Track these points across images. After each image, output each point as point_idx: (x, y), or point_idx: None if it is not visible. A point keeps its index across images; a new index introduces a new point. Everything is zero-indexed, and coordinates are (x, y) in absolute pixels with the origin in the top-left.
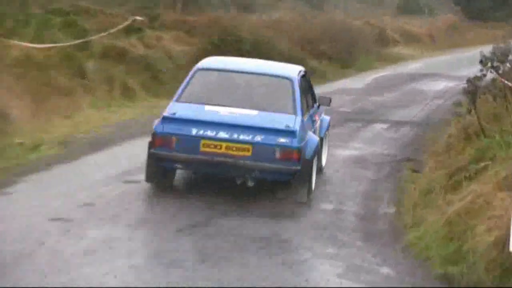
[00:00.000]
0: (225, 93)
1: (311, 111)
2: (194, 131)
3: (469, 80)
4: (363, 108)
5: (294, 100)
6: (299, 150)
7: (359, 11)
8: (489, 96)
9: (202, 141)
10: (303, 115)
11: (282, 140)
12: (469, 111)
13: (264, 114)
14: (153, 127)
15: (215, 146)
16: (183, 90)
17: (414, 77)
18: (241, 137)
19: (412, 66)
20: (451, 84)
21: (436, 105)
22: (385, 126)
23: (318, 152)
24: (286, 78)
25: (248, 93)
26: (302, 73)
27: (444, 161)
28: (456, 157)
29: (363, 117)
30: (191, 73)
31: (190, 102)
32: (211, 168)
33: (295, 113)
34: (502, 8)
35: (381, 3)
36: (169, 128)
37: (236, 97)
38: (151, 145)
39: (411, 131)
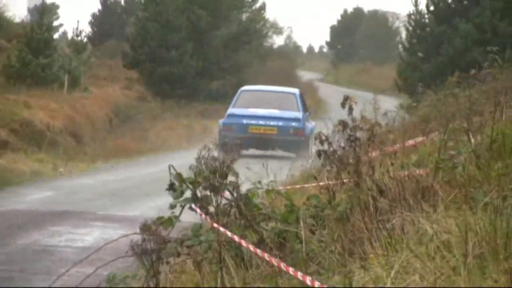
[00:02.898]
0: (259, 102)
1: (306, 114)
2: (244, 121)
3: (145, 228)
4: None
5: (297, 104)
6: (303, 129)
7: None
8: (187, 260)
9: (249, 127)
10: (303, 113)
11: (294, 124)
12: None
13: (282, 111)
14: (220, 121)
15: (257, 129)
16: (235, 101)
17: (37, 218)
18: (271, 123)
19: (36, 197)
20: (112, 233)
21: (78, 278)
22: None
23: (311, 134)
24: (292, 93)
25: (272, 101)
26: (300, 91)
27: None
28: None
29: None
30: (238, 92)
31: (240, 107)
32: (255, 141)
33: (299, 111)
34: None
35: None
36: (231, 120)
37: (265, 103)
38: (220, 130)
39: None
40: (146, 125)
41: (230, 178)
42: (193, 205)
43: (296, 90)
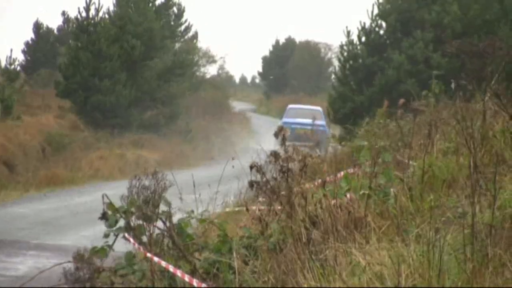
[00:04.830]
0: (299, 114)
1: (326, 122)
2: (293, 126)
3: (78, 257)
4: None
5: (322, 116)
6: (325, 131)
7: None
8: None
9: (296, 129)
10: (325, 121)
11: (320, 128)
12: None
13: (314, 121)
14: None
15: (299, 130)
16: (286, 114)
17: None
18: (308, 127)
19: None
20: (45, 262)
21: None
22: None
23: (329, 134)
24: (318, 110)
25: (307, 114)
26: (322, 109)
27: None
28: None
29: None
30: (287, 108)
31: (289, 118)
32: (298, 137)
33: (323, 120)
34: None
35: None
36: (285, 125)
37: (303, 115)
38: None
39: None
40: (79, 154)
41: (164, 207)
42: (126, 235)
43: (320, 108)
